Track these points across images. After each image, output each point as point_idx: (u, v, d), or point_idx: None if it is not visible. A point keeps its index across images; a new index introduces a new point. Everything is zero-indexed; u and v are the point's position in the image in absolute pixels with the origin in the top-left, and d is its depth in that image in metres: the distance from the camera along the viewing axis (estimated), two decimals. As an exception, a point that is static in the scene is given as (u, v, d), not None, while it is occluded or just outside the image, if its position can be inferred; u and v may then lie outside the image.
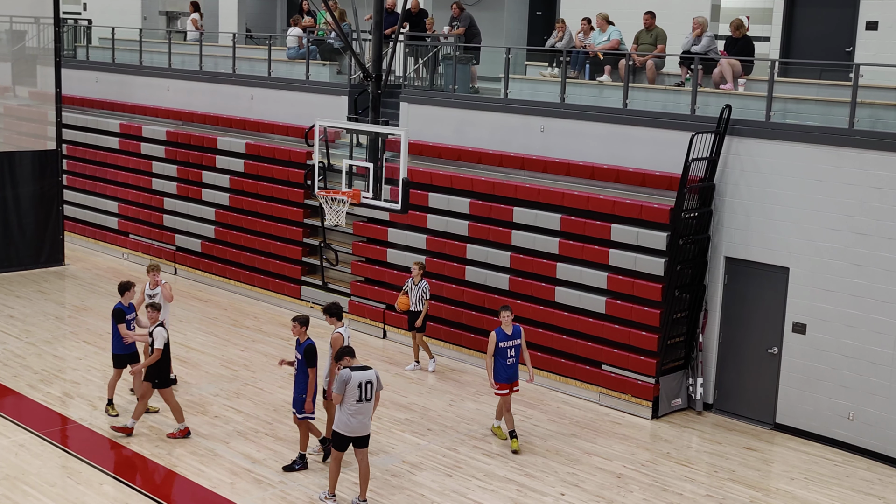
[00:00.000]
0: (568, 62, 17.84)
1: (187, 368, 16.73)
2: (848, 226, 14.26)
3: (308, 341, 12.84)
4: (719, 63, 16.40)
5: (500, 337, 13.76)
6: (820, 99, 15.35)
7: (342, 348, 12.09)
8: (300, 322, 12.91)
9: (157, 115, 24.56)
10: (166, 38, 25.80)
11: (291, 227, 20.86)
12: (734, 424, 15.41)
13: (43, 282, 21.81)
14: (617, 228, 16.02)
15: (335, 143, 19.43)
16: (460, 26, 20.48)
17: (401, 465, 13.39)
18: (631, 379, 15.63)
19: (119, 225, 24.49)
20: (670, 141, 15.89)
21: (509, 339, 13.80)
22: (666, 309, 15.36)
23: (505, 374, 13.82)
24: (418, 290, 16.91)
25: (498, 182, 17.62)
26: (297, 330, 12.87)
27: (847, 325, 14.33)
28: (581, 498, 12.69)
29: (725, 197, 15.50)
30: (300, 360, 12.84)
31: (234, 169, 21.96)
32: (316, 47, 22.29)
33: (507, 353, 13.79)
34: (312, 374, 12.82)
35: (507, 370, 13.83)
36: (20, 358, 16.83)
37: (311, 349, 12.78)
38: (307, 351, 12.77)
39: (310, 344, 12.79)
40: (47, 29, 23.46)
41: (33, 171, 22.70)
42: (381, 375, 16.69)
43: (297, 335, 12.88)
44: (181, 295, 21.11)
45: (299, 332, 12.86)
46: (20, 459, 13.01)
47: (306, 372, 12.79)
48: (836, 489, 13.29)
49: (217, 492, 12.34)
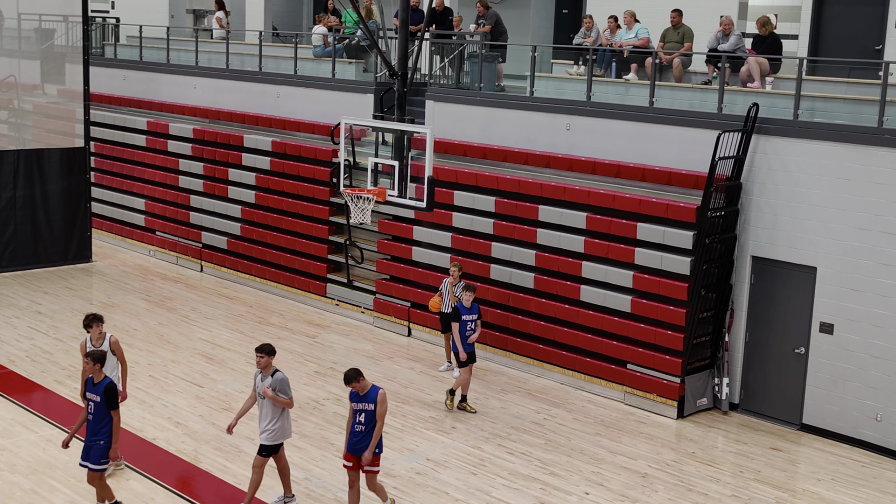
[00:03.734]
0: (594, 60, 17.79)
1: (213, 365, 16.81)
2: (876, 225, 14.15)
3: (105, 380, 11.05)
4: (746, 61, 16.30)
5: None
6: (848, 97, 15.24)
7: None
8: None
9: (184, 112, 24.68)
10: (193, 37, 25.92)
11: (317, 225, 20.91)
12: (760, 424, 15.33)
13: (70, 278, 21.98)
14: (643, 227, 15.96)
15: (361, 140, 19.46)
16: (486, 24, 20.47)
17: (425, 463, 13.41)
18: (656, 378, 15.57)
19: (146, 222, 24.64)
20: (697, 139, 15.82)
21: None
22: (692, 308, 15.29)
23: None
24: (455, 291, 16.58)
25: (523, 180, 17.60)
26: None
27: (875, 325, 14.21)
28: (606, 497, 12.66)
29: (752, 196, 15.41)
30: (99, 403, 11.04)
31: (261, 167, 22.04)
32: (342, 45, 22.34)
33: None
34: (116, 417, 11.06)
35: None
36: (48, 354, 16.96)
37: (110, 389, 10.99)
38: (107, 391, 10.97)
39: (109, 383, 11.04)
40: (76, 27, 23.63)
41: (61, 169, 22.88)
42: (406, 374, 16.84)
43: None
44: (208, 292, 21.25)
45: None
46: (48, 454, 13.11)
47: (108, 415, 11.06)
48: (863, 490, 13.20)
49: (242, 488, 12.38)
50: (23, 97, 23.81)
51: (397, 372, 16.91)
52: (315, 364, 17.13)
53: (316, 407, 15.18)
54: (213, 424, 14.32)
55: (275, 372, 11.51)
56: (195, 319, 19.32)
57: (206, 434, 14.03)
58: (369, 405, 11.28)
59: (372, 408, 11.27)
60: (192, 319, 19.31)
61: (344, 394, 15.66)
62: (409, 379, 16.62)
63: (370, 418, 11.29)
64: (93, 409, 11.06)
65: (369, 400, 11.28)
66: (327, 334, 18.93)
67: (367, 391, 11.30)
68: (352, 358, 17.51)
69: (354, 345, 18.34)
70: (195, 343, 17.90)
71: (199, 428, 14.23)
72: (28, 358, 16.67)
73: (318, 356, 17.60)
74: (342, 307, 20.21)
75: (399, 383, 16.33)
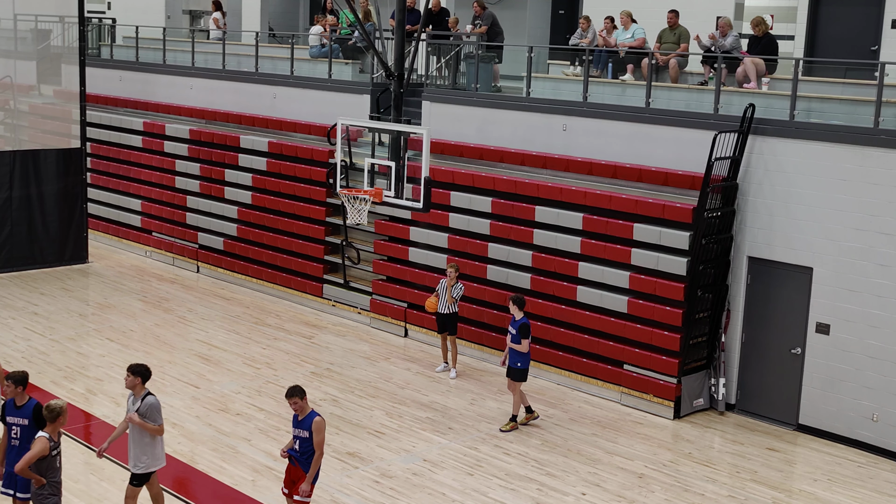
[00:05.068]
0: (590, 61, 17.81)
1: (209, 366, 16.81)
2: (872, 226, 14.17)
3: (31, 402, 10.45)
4: (743, 62, 16.32)
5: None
6: (844, 98, 15.25)
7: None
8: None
9: (181, 113, 24.67)
10: (190, 37, 25.91)
11: (313, 226, 20.90)
12: (756, 425, 15.34)
13: (67, 279, 21.96)
14: (639, 228, 15.97)
15: (357, 141, 19.44)
16: (483, 25, 20.47)
17: (422, 464, 13.41)
18: (653, 379, 15.58)
19: (142, 223, 24.62)
20: (693, 140, 15.83)
21: None
22: (688, 309, 15.30)
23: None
24: (453, 292, 16.63)
25: (520, 181, 17.60)
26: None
27: (871, 325, 14.23)
28: (602, 498, 12.66)
29: (749, 196, 15.43)
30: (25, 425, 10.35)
31: (257, 167, 22.03)
32: (338, 46, 22.34)
33: None
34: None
35: None
36: (44, 355, 16.95)
37: (37, 408, 10.31)
38: (35, 411, 10.32)
39: (36, 403, 10.42)
40: (72, 28, 23.61)
41: (58, 170, 22.86)
42: (403, 374, 16.84)
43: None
44: (204, 293, 21.24)
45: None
46: (44, 456, 13.09)
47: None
48: (860, 491, 13.21)
49: (239, 489, 12.39)
50: (19, 98, 23.78)
51: (394, 373, 16.91)
52: (311, 365, 17.13)
53: (313, 408, 15.14)
54: (209, 425, 14.31)
55: (146, 395, 10.60)
56: (191, 320, 19.31)
57: (202, 435, 14.02)
58: (304, 432, 10.65)
59: (307, 435, 10.62)
60: (188, 320, 19.29)
61: (341, 395, 15.72)
62: (405, 380, 16.62)
63: (306, 447, 10.64)
64: (18, 433, 10.33)
65: (304, 427, 10.65)
66: (324, 335, 18.93)
67: (304, 416, 10.66)
68: (348, 358, 17.52)
69: (351, 345, 18.34)
70: (191, 344, 17.89)
71: (195, 429, 14.22)
72: (24, 359, 16.65)
73: (315, 357, 17.60)
74: (339, 308, 20.20)
75: (395, 384, 16.33)
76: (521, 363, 14.50)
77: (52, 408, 10.01)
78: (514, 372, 14.56)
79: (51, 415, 9.98)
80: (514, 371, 14.56)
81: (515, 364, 14.51)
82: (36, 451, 9.86)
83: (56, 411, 10.00)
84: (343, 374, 16.74)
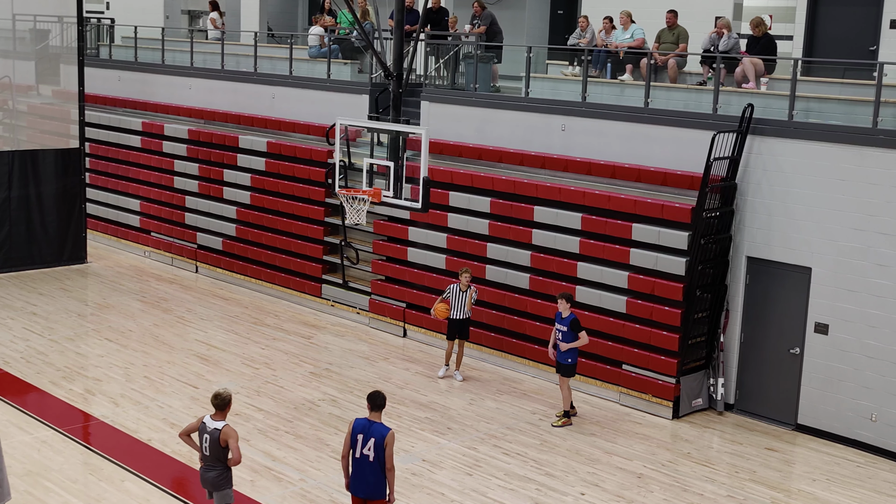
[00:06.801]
0: (589, 61, 17.81)
1: (208, 366, 16.80)
2: (871, 226, 14.17)
3: None
4: (741, 62, 16.33)
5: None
6: (843, 98, 15.26)
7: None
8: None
9: (179, 113, 24.66)
10: (188, 37, 25.90)
11: (312, 226, 20.90)
12: (755, 425, 15.35)
13: (65, 279, 21.95)
14: (638, 228, 15.97)
15: (356, 141, 19.42)
16: (481, 25, 20.47)
17: (421, 464, 13.41)
18: (652, 379, 15.59)
19: (141, 223, 24.61)
20: (692, 140, 15.83)
21: None
22: (687, 309, 15.31)
23: None
24: (466, 296, 16.46)
25: (519, 181, 17.60)
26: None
27: (870, 325, 14.24)
28: (601, 497, 12.67)
29: (747, 196, 15.43)
30: None
31: (256, 167, 22.02)
32: (337, 46, 22.34)
33: None
34: None
35: None
36: (43, 355, 16.94)
37: None
38: None
39: None
40: (70, 28, 23.60)
41: (56, 170, 22.84)
42: (402, 374, 16.84)
43: None
44: (203, 293, 21.23)
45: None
46: (42, 456, 13.10)
47: None
48: (858, 490, 13.21)
49: (237, 489, 12.37)
50: (17, 98, 23.75)
51: (392, 373, 16.91)
52: (310, 365, 17.13)
53: (311, 408, 15.17)
54: (208, 425, 14.30)
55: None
56: (190, 320, 19.31)
57: (201, 435, 14.01)
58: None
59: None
60: (187, 320, 19.29)
61: (340, 395, 15.71)
62: (404, 380, 16.61)
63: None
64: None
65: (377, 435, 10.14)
66: (322, 335, 18.93)
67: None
68: (347, 359, 17.51)
69: (350, 346, 18.34)
70: (190, 344, 17.89)
71: (194, 429, 14.21)
72: (23, 359, 16.65)
73: (314, 357, 17.59)
74: (337, 308, 20.20)
75: (394, 384, 16.33)
76: (570, 359, 14.75)
77: (221, 396, 10.63)
78: (563, 368, 14.79)
79: (221, 402, 10.58)
80: (563, 367, 14.79)
81: (565, 360, 14.74)
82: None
83: (226, 399, 10.63)
84: (342, 374, 16.74)
